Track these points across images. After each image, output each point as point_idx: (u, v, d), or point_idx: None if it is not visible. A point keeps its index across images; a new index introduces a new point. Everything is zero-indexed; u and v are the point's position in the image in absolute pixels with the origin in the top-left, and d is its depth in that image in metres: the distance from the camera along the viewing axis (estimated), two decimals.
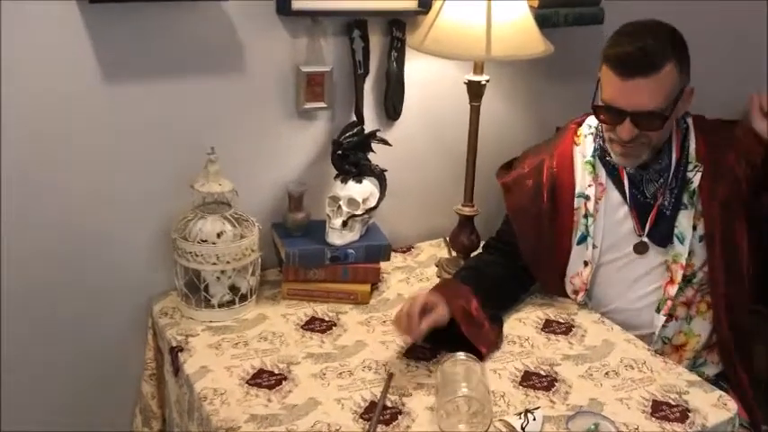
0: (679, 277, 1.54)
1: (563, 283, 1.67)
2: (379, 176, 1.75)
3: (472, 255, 1.82)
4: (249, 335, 1.56)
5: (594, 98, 1.50)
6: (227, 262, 1.56)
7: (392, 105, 1.83)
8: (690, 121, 1.57)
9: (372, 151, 1.75)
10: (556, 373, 1.47)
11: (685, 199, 1.54)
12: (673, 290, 1.55)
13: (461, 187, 1.80)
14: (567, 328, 1.62)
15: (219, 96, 1.65)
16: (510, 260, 1.66)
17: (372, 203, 1.72)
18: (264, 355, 1.50)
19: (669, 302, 1.56)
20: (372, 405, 1.35)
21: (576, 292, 1.66)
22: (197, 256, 1.55)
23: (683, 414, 1.35)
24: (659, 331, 1.58)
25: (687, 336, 1.59)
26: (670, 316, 1.57)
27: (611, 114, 1.46)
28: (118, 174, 1.61)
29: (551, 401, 1.38)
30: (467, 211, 1.79)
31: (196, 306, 1.60)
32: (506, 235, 1.68)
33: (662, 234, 1.55)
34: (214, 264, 1.56)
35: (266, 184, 1.77)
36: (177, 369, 1.49)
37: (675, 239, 1.54)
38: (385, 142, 1.74)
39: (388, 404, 1.36)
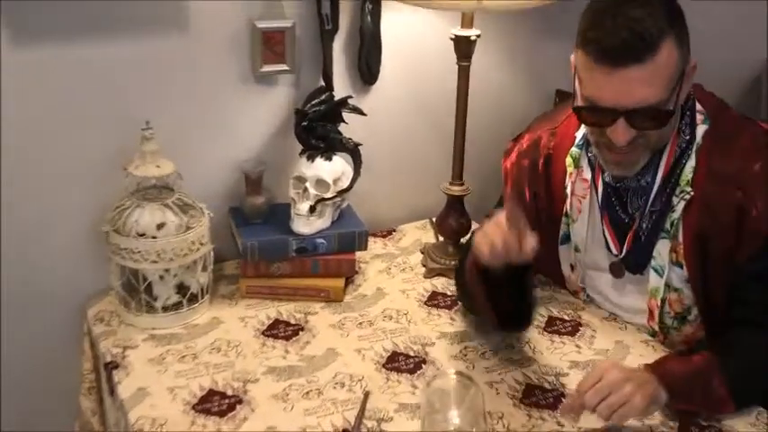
0: (657, 317, 1.28)
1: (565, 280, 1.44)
2: (353, 152, 1.49)
3: (463, 240, 1.59)
4: (199, 345, 1.32)
5: (573, 95, 1.17)
6: (171, 259, 1.31)
7: (367, 67, 1.56)
8: (699, 121, 1.21)
9: (344, 122, 1.49)
10: (563, 385, 1.24)
11: (667, 226, 1.22)
12: (655, 325, 1.30)
13: (449, 162, 1.55)
14: (573, 328, 1.39)
15: (157, 60, 1.38)
16: None
17: (345, 184, 1.47)
18: (216, 371, 1.25)
19: (661, 337, 1.32)
20: None
21: (575, 293, 1.43)
22: (134, 252, 1.29)
23: None
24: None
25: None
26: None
27: (598, 116, 1.13)
28: (36, 156, 1.34)
29: (559, 425, 1.16)
30: (456, 190, 1.54)
31: (136, 311, 1.35)
32: None
33: (636, 261, 1.27)
34: (154, 262, 1.30)
35: (218, 163, 1.51)
36: (112, 390, 1.25)
37: (652, 272, 1.25)
38: (358, 111, 1.48)
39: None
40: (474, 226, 1.60)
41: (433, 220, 1.70)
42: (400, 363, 1.29)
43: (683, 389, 1.12)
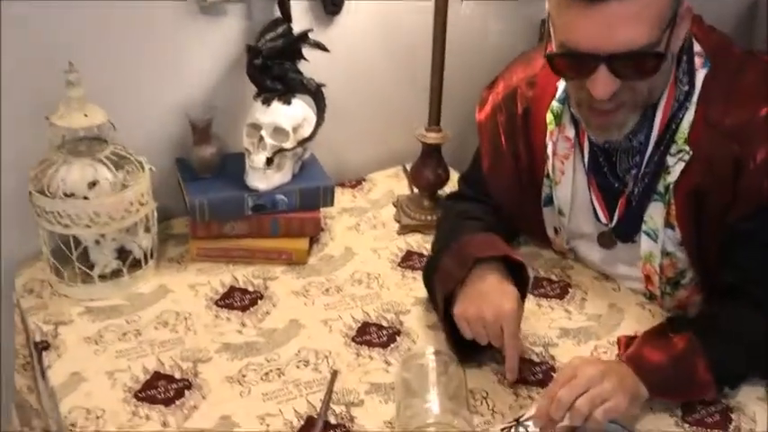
0: (657, 281, 1.13)
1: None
2: (315, 94, 1.30)
3: (439, 193, 1.44)
4: (143, 319, 1.16)
5: (546, 43, 0.99)
6: (106, 222, 1.14)
7: None
8: (699, 65, 1.03)
9: (304, 59, 1.30)
10: (552, 357, 1.11)
11: (660, 188, 1.06)
12: (655, 290, 1.16)
13: (425, 105, 1.37)
14: (562, 290, 1.25)
15: None
16: (487, 210, 1.25)
17: (307, 132, 1.29)
18: (163, 349, 1.10)
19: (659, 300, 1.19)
20: (310, 423, 0.99)
21: (562, 253, 1.29)
22: (62, 216, 1.12)
23: (724, 417, 1.02)
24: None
25: None
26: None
27: (575, 64, 0.95)
28: None
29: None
30: (432, 137, 1.37)
31: (69, 280, 1.18)
32: (479, 179, 1.26)
33: (626, 229, 1.12)
34: (87, 226, 1.13)
35: (160, 110, 1.32)
36: (43, 373, 1.10)
37: (645, 236, 1.10)
38: (321, 47, 1.29)
39: (332, 420, 1.00)
40: (453, 176, 1.45)
41: (407, 167, 1.55)
42: (372, 335, 1.15)
43: (665, 380, 0.98)
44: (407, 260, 1.33)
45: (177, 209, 1.37)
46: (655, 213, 1.08)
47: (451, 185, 1.51)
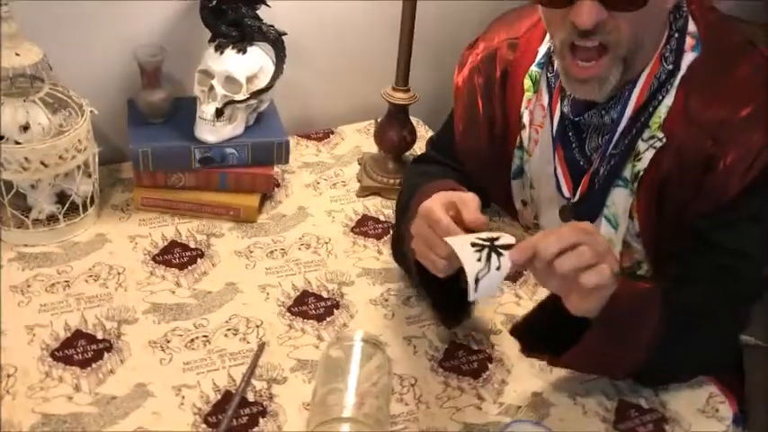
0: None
1: None
2: (275, 43, 1.22)
3: (406, 156, 1.36)
4: (75, 270, 1.12)
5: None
6: (38, 169, 1.08)
7: None
8: (689, 47, 0.94)
9: (265, 4, 1.21)
10: (492, 346, 1.07)
11: (626, 173, 0.98)
12: None
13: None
14: (516, 272, 1.20)
15: None
16: (453, 176, 1.16)
17: (262, 83, 1.21)
18: (89, 305, 1.06)
19: None
20: (226, 399, 0.96)
21: (527, 228, 1.22)
22: None
23: (657, 428, 0.98)
24: None
25: None
26: None
27: None
28: None
29: (479, 397, 1.00)
30: (398, 97, 1.29)
31: (3, 224, 1.14)
32: (449, 144, 1.18)
33: (587, 209, 1.03)
34: (18, 171, 1.08)
35: (110, 48, 1.24)
36: None
37: (605, 221, 1.02)
38: None
39: (250, 397, 0.97)
40: (422, 133, 1.37)
41: (378, 120, 1.47)
42: (309, 306, 1.10)
43: (622, 301, 0.87)
44: (362, 225, 1.27)
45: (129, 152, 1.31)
46: (618, 200, 1.01)
47: (419, 149, 1.44)
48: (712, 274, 0.94)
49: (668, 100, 0.94)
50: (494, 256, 0.82)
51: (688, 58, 0.95)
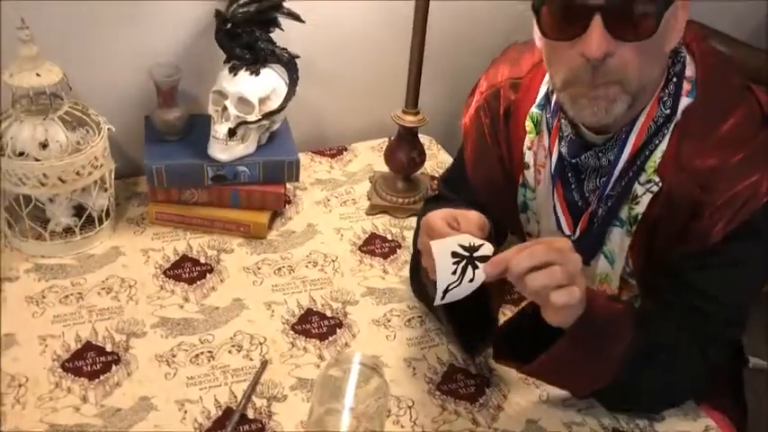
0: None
1: None
2: (288, 65, 1.25)
3: (415, 175, 1.38)
4: (89, 282, 1.16)
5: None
6: (55, 184, 1.12)
7: None
8: (685, 92, 0.94)
9: (279, 28, 1.24)
10: (490, 371, 1.09)
11: (623, 215, 0.99)
12: None
13: None
14: (519, 296, 1.20)
15: None
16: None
17: (275, 104, 1.24)
18: (100, 317, 1.10)
19: None
20: (226, 415, 0.99)
21: None
22: (11, 175, 1.11)
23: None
24: None
25: None
26: None
27: (566, 12, 0.86)
28: None
29: (474, 421, 1.01)
30: (408, 120, 1.31)
31: (21, 235, 1.19)
32: (461, 181, 1.17)
33: (586, 245, 1.02)
34: (36, 186, 1.12)
35: (129, 66, 1.28)
36: None
37: (602, 258, 1.03)
38: (295, 17, 1.22)
39: (250, 414, 1.00)
40: (441, 156, 1.39)
41: (392, 139, 1.49)
42: (312, 324, 1.13)
43: (595, 319, 0.88)
44: (369, 243, 1.30)
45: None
46: (615, 239, 1.01)
47: (430, 167, 1.46)
48: (683, 312, 0.95)
49: (663, 144, 0.95)
50: (469, 268, 0.85)
51: (684, 102, 0.95)
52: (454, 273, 0.85)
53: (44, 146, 1.11)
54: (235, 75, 1.20)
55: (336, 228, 1.33)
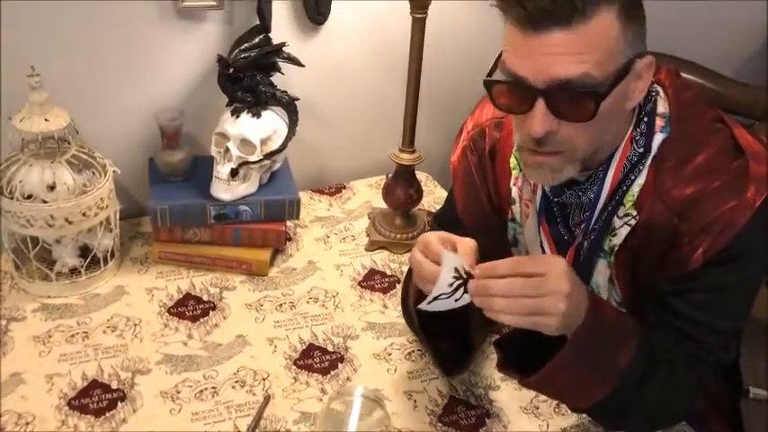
0: None
1: None
2: (288, 107, 1.29)
3: (413, 212, 1.41)
4: (94, 321, 1.18)
5: (491, 71, 0.94)
6: (62, 225, 1.15)
7: (314, 3, 1.34)
8: (659, 128, 0.97)
9: (280, 72, 1.29)
10: (491, 402, 1.11)
11: (605, 246, 1.01)
12: None
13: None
14: None
15: None
16: None
17: (276, 145, 1.28)
18: (106, 355, 1.12)
19: None
20: None
21: None
22: (19, 217, 1.14)
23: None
24: None
25: None
26: None
27: (513, 93, 0.90)
28: None
29: None
30: (405, 158, 1.35)
31: (28, 276, 1.21)
32: (453, 220, 1.19)
33: None
34: (44, 228, 1.15)
35: (134, 111, 1.32)
36: None
37: (592, 288, 1.05)
38: (294, 62, 1.27)
39: None
40: (436, 191, 1.42)
41: (389, 176, 1.53)
42: (314, 359, 1.15)
43: (599, 331, 0.90)
44: (369, 279, 1.32)
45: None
46: (600, 269, 1.04)
47: (427, 203, 1.50)
48: (670, 335, 0.97)
49: (640, 179, 0.97)
50: (461, 290, 0.89)
51: (657, 139, 0.97)
52: (450, 285, 0.89)
53: (51, 188, 1.15)
54: (237, 117, 1.24)
55: (336, 264, 1.35)
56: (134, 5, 1.23)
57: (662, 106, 0.98)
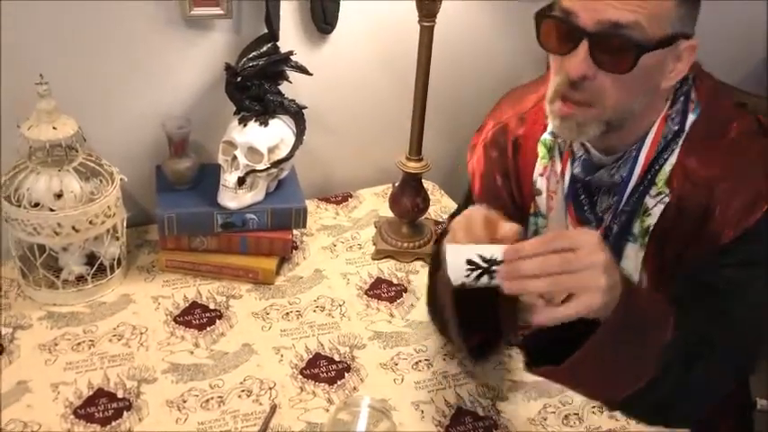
0: None
1: None
2: (296, 115, 1.29)
3: (420, 220, 1.41)
4: (100, 329, 1.18)
5: (545, 7, 0.97)
6: (69, 233, 1.15)
7: (322, 12, 1.34)
8: (690, 110, 1.00)
9: (288, 81, 1.29)
10: (498, 413, 1.10)
11: (635, 229, 1.03)
12: None
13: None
14: (526, 338, 1.23)
15: None
16: None
17: (283, 153, 1.28)
18: (112, 364, 1.12)
19: None
20: None
21: None
22: (26, 225, 1.14)
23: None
24: None
25: None
26: None
27: (561, 30, 0.92)
28: None
29: None
30: (412, 167, 1.34)
31: (35, 284, 1.21)
32: None
33: None
34: (51, 236, 1.15)
35: (142, 119, 1.32)
36: None
37: None
38: (302, 70, 1.27)
39: None
40: (444, 200, 1.42)
41: (396, 185, 1.52)
42: (321, 369, 1.14)
43: (636, 310, 0.86)
44: (376, 288, 1.32)
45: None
46: (630, 254, 1.04)
47: (433, 212, 1.49)
48: (707, 315, 0.95)
49: (673, 158, 1.00)
50: (486, 277, 0.83)
51: (690, 118, 1.00)
52: (467, 276, 0.83)
53: (59, 196, 1.15)
54: (244, 126, 1.24)
55: (343, 273, 1.35)
56: (142, 14, 1.23)
57: (693, 92, 1.01)
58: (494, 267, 0.82)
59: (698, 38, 0.94)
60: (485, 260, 0.83)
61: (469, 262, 0.83)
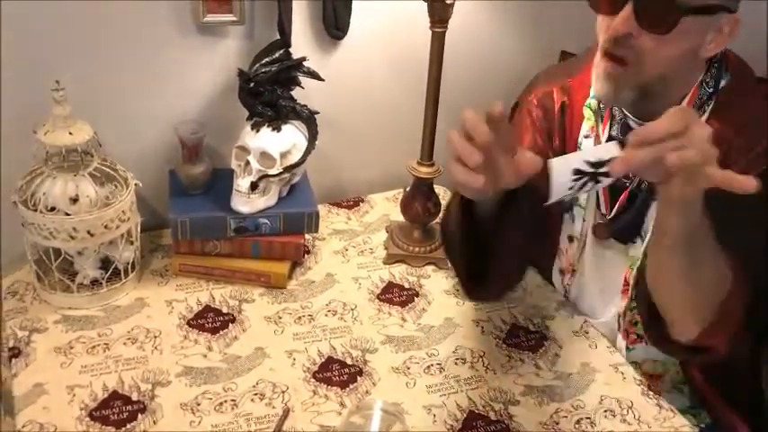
0: (630, 294, 1.15)
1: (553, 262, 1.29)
2: (308, 120, 1.30)
3: (431, 225, 1.41)
4: (115, 333, 1.19)
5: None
6: (85, 237, 1.16)
7: (334, 18, 1.35)
8: (723, 77, 1.07)
9: (300, 86, 1.29)
10: (510, 417, 1.10)
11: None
12: (622, 304, 1.17)
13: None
14: (536, 342, 1.23)
15: (79, 4, 1.19)
16: None
17: (295, 158, 1.28)
18: (126, 367, 1.13)
19: (625, 320, 1.18)
20: None
21: (562, 273, 1.28)
22: (42, 229, 1.15)
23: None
24: (625, 354, 1.21)
25: (664, 365, 1.20)
26: (638, 337, 1.19)
27: None
28: None
29: None
30: (423, 171, 1.35)
31: (50, 288, 1.22)
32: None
33: (625, 226, 1.14)
34: (66, 240, 1.16)
35: (155, 124, 1.34)
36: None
37: (639, 241, 1.13)
38: (314, 76, 1.27)
39: None
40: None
41: (407, 190, 1.53)
42: (333, 372, 1.15)
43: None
44: (387, 292, 1.32)
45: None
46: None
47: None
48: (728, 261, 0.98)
49: (703, 119, 1.05)
50: (589, 183, 0.84)
51: (722, 84, 1.07)
52: (571, 189, 0.84)
53: (74, 201, 1.16)
54: (257, 131, 1.25)
55: (354, 277, 1.36)
56: (156, 21, 1.24)
57: None
58: (601, 170, 0.84)
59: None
60: (591, 164, 0.84)
61: (576, 171, 0.84)
